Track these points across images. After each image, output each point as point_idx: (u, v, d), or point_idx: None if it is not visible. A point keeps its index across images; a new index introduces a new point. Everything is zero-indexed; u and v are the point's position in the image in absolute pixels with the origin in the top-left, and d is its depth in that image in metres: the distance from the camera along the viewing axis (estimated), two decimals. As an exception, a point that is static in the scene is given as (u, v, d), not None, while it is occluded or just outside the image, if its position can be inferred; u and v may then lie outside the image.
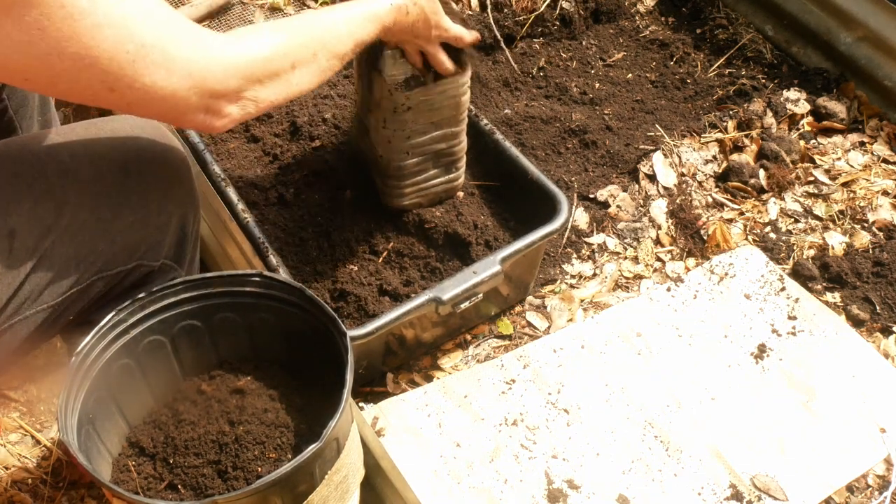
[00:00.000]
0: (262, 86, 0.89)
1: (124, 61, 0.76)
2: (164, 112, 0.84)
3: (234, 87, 0.86)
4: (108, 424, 1.00)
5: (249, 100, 0.89)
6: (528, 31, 2.12)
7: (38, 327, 0.93)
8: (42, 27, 0.71)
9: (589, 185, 1.80)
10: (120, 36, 0.75)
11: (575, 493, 1.31)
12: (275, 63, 0.90)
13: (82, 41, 0.73)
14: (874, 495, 1.36)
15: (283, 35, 0.93)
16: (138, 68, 0.77)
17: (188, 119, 0.86)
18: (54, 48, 0.72)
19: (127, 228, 0.96)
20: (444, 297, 1.29)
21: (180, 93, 0.81)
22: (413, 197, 1.44)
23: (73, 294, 0.94)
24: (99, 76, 0.76)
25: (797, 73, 2.13)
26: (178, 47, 0.80)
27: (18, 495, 1.28)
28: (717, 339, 1.55)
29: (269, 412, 1.01)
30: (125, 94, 0.79)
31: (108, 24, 0.74)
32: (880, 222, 1.78)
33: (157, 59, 0.78)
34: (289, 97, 0.95)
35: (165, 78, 0.79)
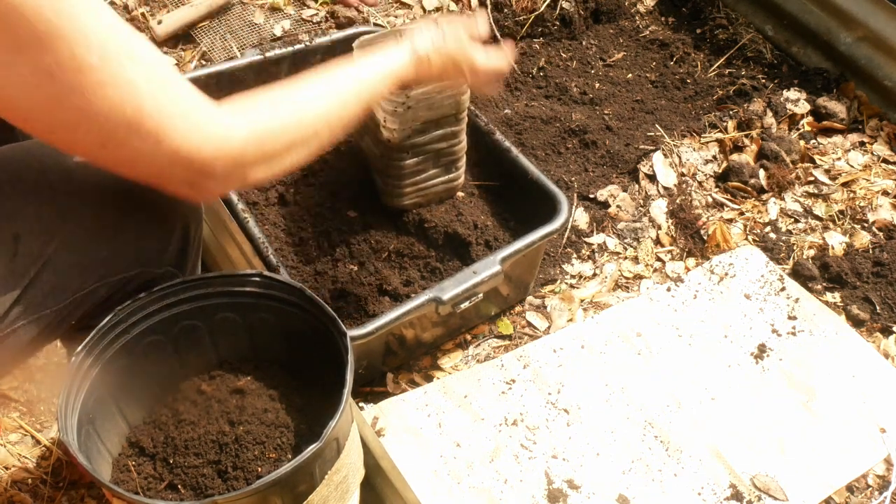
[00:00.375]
0: (252, 168, 0.87)
1: (120, 123, 0.76)
2: (148, 177, 0.84)
3: (220, 171, 0.84)
4: (108, 424, 1.00)
5: (236, 179, 0.87)
6: (528, 31, 2.12)
7: (41, 332, 0.93)
8: (51, 73, 0.72)
9: (589, 185, 1.80)
10: (121, 98, 0.76)
11: (575, 493, 1.31)
12: (268, 147, 0.88)
13: (85, 95, 0.74)
14: (874, 495, 1.36)
15: (285, 114, 0.90)
16: (132, 133, 0.77)
17: (171, 188, 0.86)
18: (59, 96, 0.74)
19: (131, 235, 0.96)
20: (444, 297, 1.28)
21: (164, 164, 0.81)
22: (413, 196, 1.44)
23: (76, 299, 0.94)
24: (94, 131, 0.77)
25: (797, 73, 2.13)
26: (172, 122, 0.79)
27: (18, 495, 1.28)
28: (717, 339, 1.55)
29: (269, 412, 1.01)
30: (115, 153, 0.79)
31: (113, 85, 0.75)
32: (880, 222, 1.78)
33: (151, 128, 0.78)
34: (282, 173, 0.92)
35: (154, 148, 0.79)
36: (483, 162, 1.57)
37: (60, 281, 0.92)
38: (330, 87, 0.96)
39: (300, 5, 2.17)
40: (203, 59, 2.02)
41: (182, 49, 2.04)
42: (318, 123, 0.93)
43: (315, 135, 0.93)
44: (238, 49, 2.03)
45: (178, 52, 2.03)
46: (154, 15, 2.07)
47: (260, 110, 0.88)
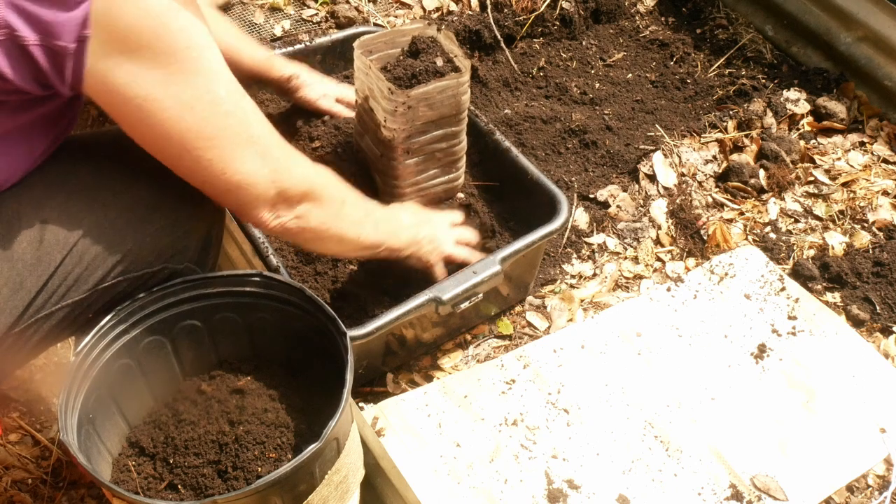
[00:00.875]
0: (319, 203, 1.04)
1: (238, 145, 0.92)
2: (243, 198, 0.96)
3: (299, 193, 1.00)
4: (108, 424, 1.00)
5: (302, 213, 1.02)
6: (528, 31, 2.12)
7: (59, 323, 0.94)
8: (192, 107, 0.86)
9: (589, 185, 1.80)
10: (241, 124, 0.91)
11: (575, 493, 1.31)
12: (333, 188, 1.08)
13: (217, 122, 0.89)
14: (874, 495, 1.36)
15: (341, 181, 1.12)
16: (246, 154, 0.92)
17: (255, 211, 0.98)
18: (195, 128, 0.88)
19: (157, 231, 0.97)
20: (444, 297, 1.28)
21: (263, 183, 0.95)
22: (413, 197, 1.44)
23: (97, 291, 0.95)
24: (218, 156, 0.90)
25: (797, 73, 2.13)
26: (273, 145, 0.96)
27: (18, 495, 1.28)
28: (717, 339, 1.55)
29: (269, 412, 1.01)
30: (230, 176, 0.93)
31: (234, 114, 0.90)
32: (880, 222, 1.78)
33: (259, 149, 0.93)
34: (330, 233, 1.08)
35: (260, 166, 0.94)
36: (483, 162, 1.57)
37: (85, 271, 0.93)
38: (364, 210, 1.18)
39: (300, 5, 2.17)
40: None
41: (182, 49, 2.04)
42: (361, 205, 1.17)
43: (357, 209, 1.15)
44: (238, 49, 2.03)
45: (178, 52, 2.03)
46: (154, 15, 2.06)
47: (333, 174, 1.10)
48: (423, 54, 1.35)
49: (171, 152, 0.90)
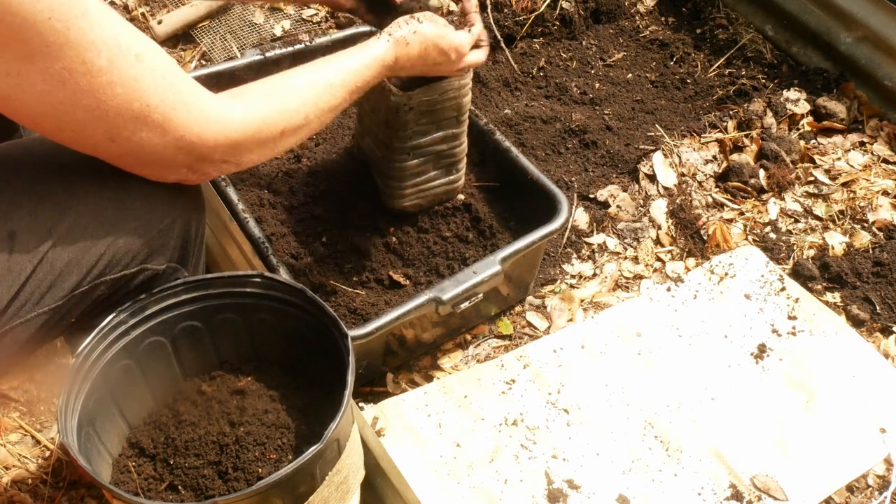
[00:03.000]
0: (248, 152, 0.96)
1: (128, 118, 0.83)
2: (151, 166, 0.91)
3: (220, 154, 0.92)
4: (108, 425, 1.00)
5: (234, 164, 0.96)
6: (528, 31, 2.12)
7: (39, 329, 0.93)
8: (63, 80, 0.78)
9: (589, 185, 1.80)
10: (128, 95, 0.82)
11: (575, 493, 1.31)
12: (263, 133, 0.96)
13: (95, 96, 0.80)
14: (874, 495, 1.36)
15: (277, 102, 0.98)
16: (139, 126, 0.84)
17: (171, 174, 0.93)
18: (69, 99, 0.79)
19: (130, 232, 0.96)
20: (444, 297, 1.28)
21: (169, 152, 0.88)
22: (413, 198, 1.44)
23: (75, 296, 0.94)
24: (103, 128, 0.83)
25: (797, 73, 2.13)
26: (176, 112, 0.86)
27: (18, 495, 1.28)
28: (717, 339, 1.55)
29: (270, 413, 1.01)
30: (122, 146, 0.86)
31: (121, 84, 0.81)
32: (880, 222, 1.78)
33: (157, 119, 0.85)
34: (272, 157, 1.02)
35: (160, 137, 0.86)
36: (483, 162, 1.57)
37: (58, 279, 0.92)
38: (317, 76, 1.04)
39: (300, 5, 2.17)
40: (203, 59, 2.02)
41: (182, 49, 2.04)
42: (308, 109, 1.01)
43: (305, 120, 1.01)
44: (238, 49, 2.03)
45: (178, 52, 2.03)
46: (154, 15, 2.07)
47: (254, 99, 0.96)
48: None
49: (48, 127, 0.83)
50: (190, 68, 1.96)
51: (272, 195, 1.52)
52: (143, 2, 2.10)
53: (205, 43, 2.05)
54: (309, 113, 1.01)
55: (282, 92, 1.00)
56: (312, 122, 1.03)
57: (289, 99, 1.00)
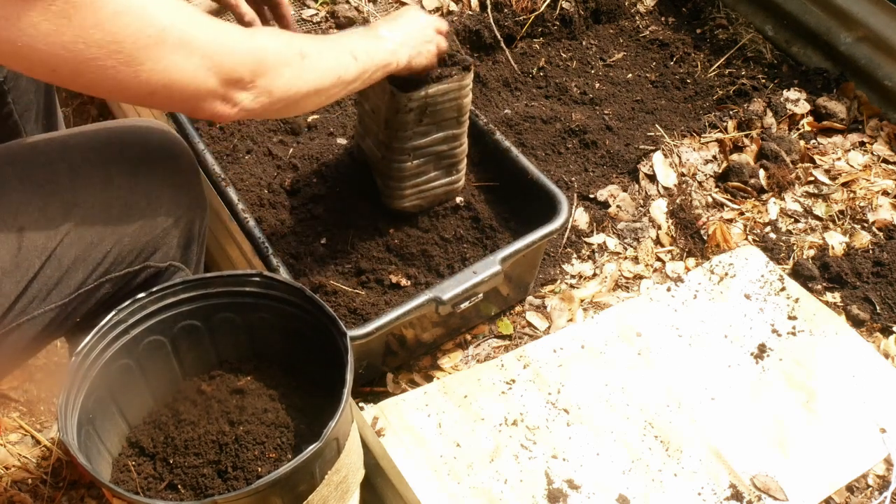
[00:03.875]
0: (276, 72, 0.92)
1: (148, 45, 0.80)
2: (183, 97, 0.86)
3: (248, 71, 0.89)
4: (107, 424, 1.00)
5: (263, 89, 0.92)
6: (528, 31, 2.12)
7: (45, 328, 0.94)
8: (67, 16, 0.74)
9: (589, 185, 1.80)
10: (141, 21, 0.79)
11: (575, 493, 1.31)
12: (285, 51, 0.94)
13: (106, 27, 0.77)
14: (874, 495, 1.36)
15: (288, 33, 1.02)
16: (161, 50, 0.81)
17: (205, 106, 0.89)
18: (80, 36, 0.76)
19: (135, 230, 0.97)
20: (444, 297, 1.29)
21: (199, 74, 0.85)
22: (413, 199, 1.44)
23: (80, 295, 0.95)
24: (125, 61, 0.79)
25: (797, 73, 2.13)
26: (195, 30, 0.84)
27: (18, 495, 1.28)
28: (717, 339, 1.55)
29: (269, 412, 1.01)
30: (150, 78, 0.82)
31: (127, 12, 0.78)
32: (880, 222, 1.78)
33: (176, 40, 0.81)
34: (303, 92, 0.97)
35: (186, 58, 0.83)
36: (483, 162, 1.57)
37: (66, 275, 0.92)
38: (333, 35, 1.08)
39: (300, 5, 2.17)
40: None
41: (182, 49, 2.04)
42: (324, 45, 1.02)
43: (319, 54, 1.00)
44: (238, 49, 2.03)
45: (178, 52, 2.03)
46: (154, 15, 2.06)
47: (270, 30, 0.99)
48: None
49: (67, 73, 0.80)
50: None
51: (272, 195, 1.52)
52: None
53: (205, 43, 2.04)
54: (323, 46, 1.01)
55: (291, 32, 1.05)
56: (330, 57, 1.02)
57: (299, 35, 1.01)
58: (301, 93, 0.97)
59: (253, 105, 0.92)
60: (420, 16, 1.23)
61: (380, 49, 1.12)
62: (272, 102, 0.94)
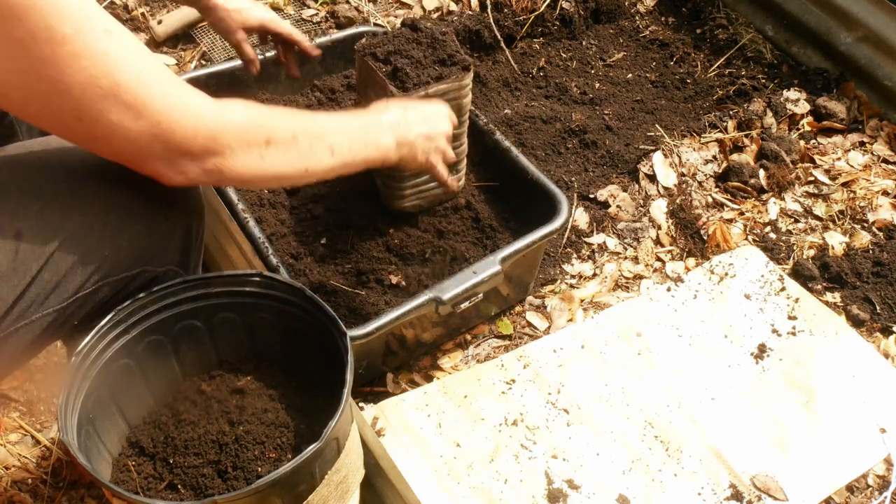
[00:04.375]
0: (231, 153, 0.88)
1: (96, 95, 0.77)
2: (125, 153, 0.84)
3: (199, 147, 0.85)
4: (108, 424, 1.00)
5: (213, 166, 0.88)
6: (528, 31, 2.12)
7: (43, 331, 0.93)
8: (26, 45, 0.73)
9: (589, 185, 1.80)
10: (96, 70, 0.77)
11: (575, 493, 1.31)
12: (247, 133, 0.89)
13: (59, 66, 0.75)
14: (874, 495, 1.36)
15: (264, 111, 0.93)
16: (108, 105, 0.78)
17: (147, 166, 0.86)
18: (33, 67, 0.75)
19: (134, 235, 0.97)
20: (444, 297, 1.28)
21: (144, 139, 0.82)
22: (413, 199, 1.43)
23: (78, 299, 0.94)
24: (69, 104, 0.77)
25: (797, 73, 2.13)
26: (151, 95, 0.80)
27: (18, 495, 1.28)
28: (717, 339, 1.55)
29: (269, 412, 1.01)
30: (91, 127, 0.80)
31: (87, 56, 0.76)
32: (880, 222, 1.78)
33: (128, 100, 0.79)
34: (260, 176, 0.93)
35: (132, 121, 0.80)
36: (483, 162, 1.57)
37: (63, 279, 0.92)
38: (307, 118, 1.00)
39: (300, 5, 2.17)
40: (203, 59, 2.02)
41: (182, 49, 2.04)
42: (297, 129, 0.95)
43: (293, 139, 0.94)
44: (238, 49, 2.03)
45: (178, 52, 2.03)
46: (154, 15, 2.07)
47: (242, 104, 0.91)
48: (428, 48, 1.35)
49: (15, 99, 0.78)
50: (190, 68, 1.97)
51: (272, 195, 1.52)
52: (143, 2, 2.10)
53: (205, 43, 2.05)
54: (298, 133, 0.95)
55: (269, 109, 0.94)
56: (303, 145, 0.96)
57: (277, 114, 0.95)
58: (257, 177, 0.93)
59: (201, 178, 0.88)
60: (441, 120, 1.21)
61: (369, 146, 1.07)
62: (223, 179, 0.90)
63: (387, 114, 1.12)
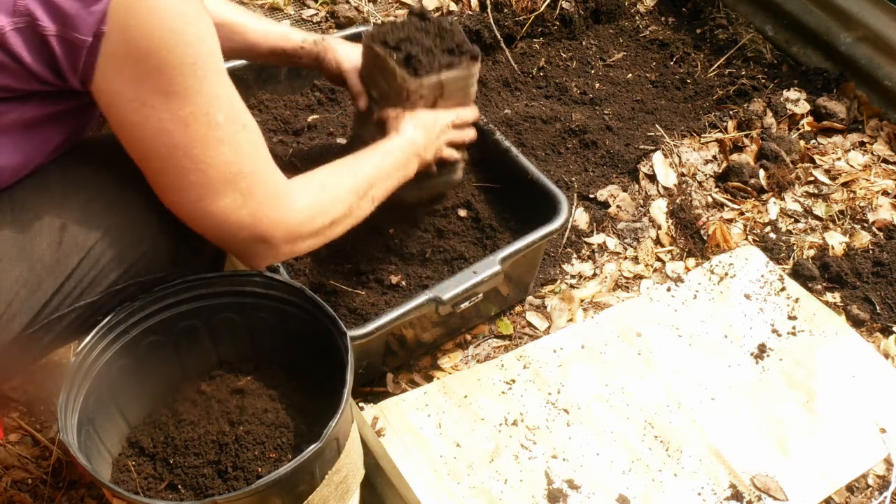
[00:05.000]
0: (304, 241, 1.01)
1: (223, 178, 0.89)
2: (214, 228, 0.94)
3: (279, 239, 0.97)
4: (108, 424, 1.00)
5: (286, 252, 1.00)
6: (528, 31, 2.12)
7: (71, 324, 0.94)
8: (186, 124, 0.85)
9: (589, 185, 1.80)
10: (231, 157, 0.89)
11: (575, 493, 1.31)
12: (317, 221, 1.02)
13: (205, 149, 0.87)
14: (874, 495, 1.36)
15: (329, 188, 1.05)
16: (228, 189, 0.90)
17: (228, 245, 0.97)
18: (184, 145, 0.86)
19: (172, 237, 0.98)
20: (444, 297, 1.28)
21: (235, 224, 0.93)
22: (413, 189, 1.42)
23: (109, 293, 0.95)
24: (199, 182, 0.88)
25: (797, 73, 2.13)
26: (258, 188, 0.92)
27: (18, 495, 1.28)
28: (717, 339, 1.55)
29: (270, 412, 1.01)
30: (205, 209, 0.91)
31: (229, 144, 0.88)
32: (880, 222, 1.78)
33: (242, 187, 0.91)
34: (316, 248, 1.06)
35: (239, 206, 0.91)
36: (483, 162, 1.57)
37: (99, 274, 0.93)
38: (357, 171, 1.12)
39: (300, 5, 2.17)
40: (203, 59, 2.01)
41: (182, 49, 2.04)
42: (352, 202, 1.09)
43: (349, 211, 1.08)
44: (238, 49, 2.03)
45: (178, 52, 2.03)
46: (154, 15, 2.06)
47: (314, 188, 1.03)
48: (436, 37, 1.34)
49: (155, 165, 0.89)
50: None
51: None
52: (143, 2, 2.10)
53: (205, 43, 2.04)
54: (352, 203, 1.08)
55: (335, 184, 1.06)
56: (355, 213, 1.10)
57: (338, 189, 1.06)
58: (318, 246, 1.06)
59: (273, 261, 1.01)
60: (446, 115, 1.31)
61: (401, 179, 1.21)
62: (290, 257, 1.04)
63: (415, 139, 1.25)
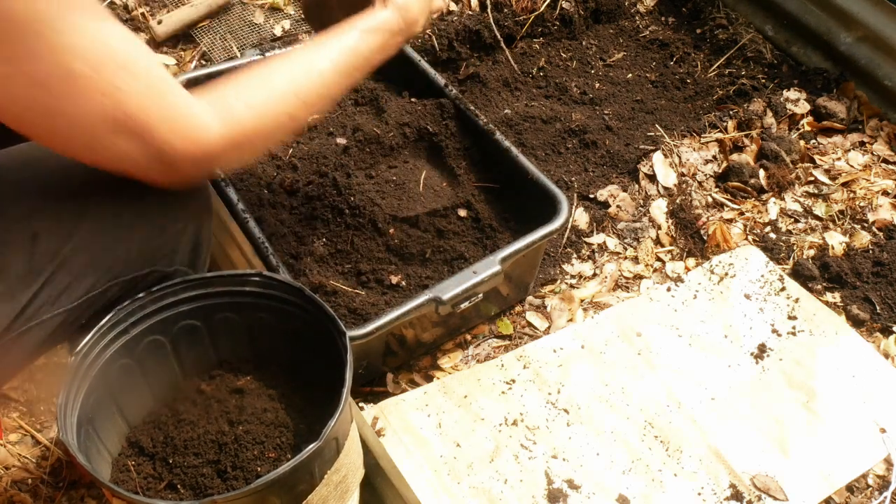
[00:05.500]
0: (224, 159, 0.94)
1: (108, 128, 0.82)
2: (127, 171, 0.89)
3: (192, 166, 0.90)
4: (107, 424, 1.00)
5: (206, 171, 0.96)
6: (528, 31, 2.12)
7: (53, 332, 0.94)
8: (45, 84, 0.78)
9: (589, 185, 1.80)
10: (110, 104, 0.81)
11: (575, 493, 1.31)
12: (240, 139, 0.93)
13: (78, 103, 0.80)
14: (874, 495, 1.36)
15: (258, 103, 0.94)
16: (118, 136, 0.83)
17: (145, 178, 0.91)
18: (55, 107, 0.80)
19: (145, 235, 0.97)
20: (444, 297, 1.28)
21: (143, 161, 0.86)
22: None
23: (89, 298, 0.95)
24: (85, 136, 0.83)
25: (797, 73, 2.13)
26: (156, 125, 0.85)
27: (18, 495, 1.28)
28: (717, 339, 1.55)
29: (269, 412, 1.01)
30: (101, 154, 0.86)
31: (101, 91, 0.80)
32: (880, 222, 1.78)
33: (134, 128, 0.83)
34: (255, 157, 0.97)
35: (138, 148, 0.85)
36: (483, 162, 1.57)
37: (76, 280, 0.93)
38: (303, 66, 1.00)
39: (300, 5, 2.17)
40: (203, 59, 2.02)
41: (182, 49, 2.04)
42: (292, 105, 0.98)
43: (289, 117, 0.98)
44: (238, 49, 2.04)
45: (178, 52, 2.03)
46: (154, 15, 2.07)
47: (234, 102, 0.93)
48: None
49: (41, 132, 0.84)
50: (190, 68, 1.97)
51: (272, 195, 1.52)
52: (143, 2, 2.10)
53: (205, 43, 2.05)
54: (295, 112, 0.98)
55: (264, 90, 0.96)
56: (300, 116, 1.00)
57: (272, 103, 0.96)
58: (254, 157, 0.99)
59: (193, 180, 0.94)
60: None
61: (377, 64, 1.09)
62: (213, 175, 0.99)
63: (408, 5, 1.12)
